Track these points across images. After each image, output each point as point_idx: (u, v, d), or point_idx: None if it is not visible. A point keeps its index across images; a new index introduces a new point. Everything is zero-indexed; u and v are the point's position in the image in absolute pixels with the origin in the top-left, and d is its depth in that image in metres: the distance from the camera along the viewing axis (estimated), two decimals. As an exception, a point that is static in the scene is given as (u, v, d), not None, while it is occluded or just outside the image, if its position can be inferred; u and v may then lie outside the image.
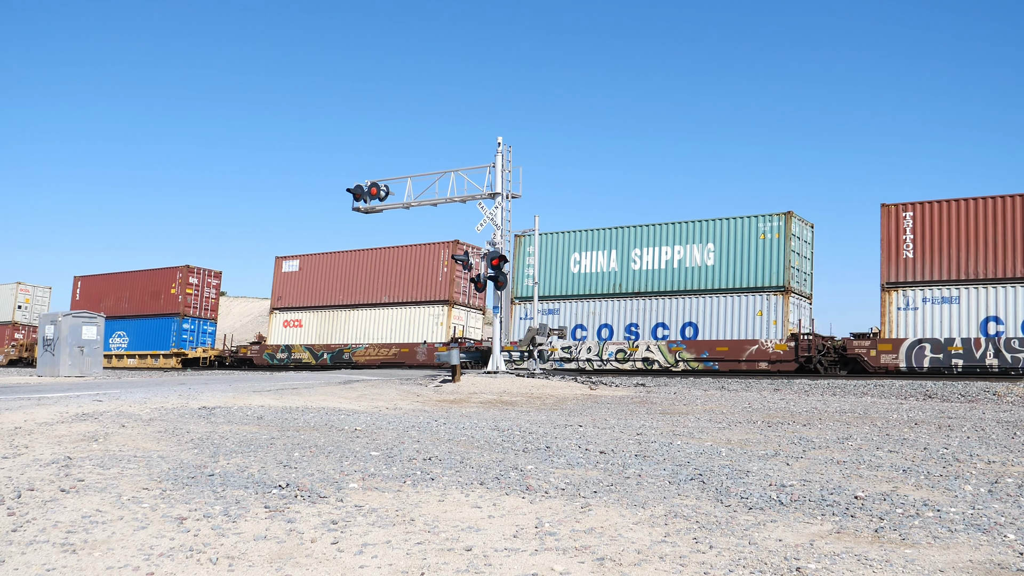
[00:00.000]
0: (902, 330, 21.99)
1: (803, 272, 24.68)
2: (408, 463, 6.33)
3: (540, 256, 27.49)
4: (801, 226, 24.64)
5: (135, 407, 10.25)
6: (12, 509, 4.50)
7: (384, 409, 12.01)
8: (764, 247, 23.98)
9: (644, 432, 9.06)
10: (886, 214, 22.48)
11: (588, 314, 26.68)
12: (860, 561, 3.68)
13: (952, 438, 8.70)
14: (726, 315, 24.47)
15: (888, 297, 22.17)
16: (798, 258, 24.23)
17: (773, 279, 23.82)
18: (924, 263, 21.91)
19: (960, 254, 21.49)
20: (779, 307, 23.60)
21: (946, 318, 21.46)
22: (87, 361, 24.20)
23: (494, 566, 3.62)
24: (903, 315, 21.99)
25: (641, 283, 25.80)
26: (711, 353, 24.41)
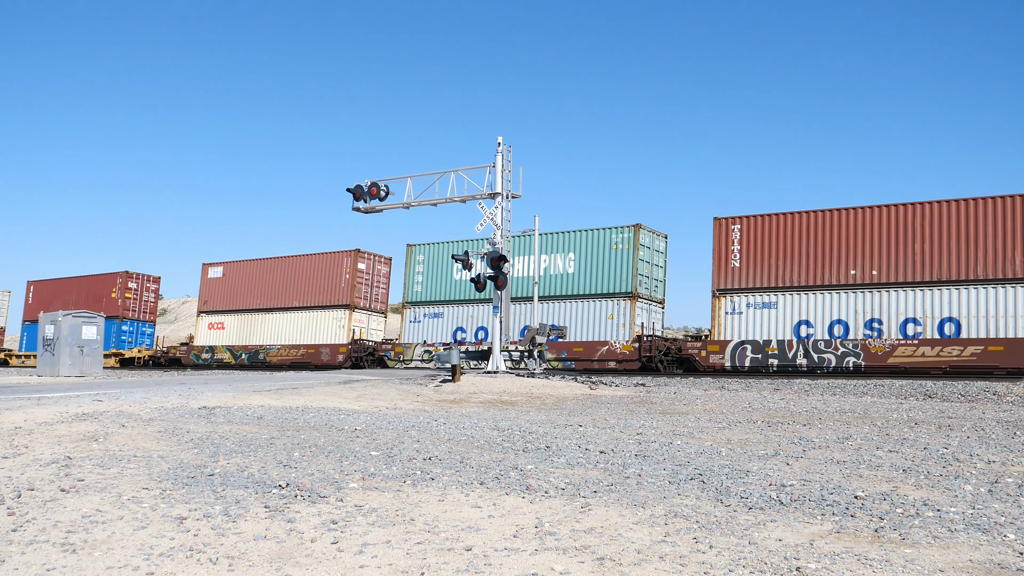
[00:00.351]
0: (729, 332, 24.45)
1: (653, 279, 27.38)
2: (408, 463, 6.33)
3: (427, 264, 30.79)
4: (652, 237, 27.43)
5: (135, 407, 10.25)
6: (12, 509, 4.50)
7: (384, 409, 12.01)
8: (616, 256, 26.61)
9: (644, 432, 9.06)
10: (717, 227, 25.07)
11: (467, 317, 29.29)
12: (860, 561, 3.68)
13: (952, 438, 8.70)
14: (584, 319, 27.04)
15: (717, 303, 24.72)
16: (647, 266, 27.00)
17: (623, 286, 26.43)
18: (748, 272, 24.43)
19: (778, 264, 24.07)
20: (628, 311, 26.20)
21: (766, 322, 23.93)
22: (87, 361, 24.20)
23: (494, 566, 3.62)
24: (730, 319, 24.47)
25: (513, 289, 27.10)
26: (569, 353, 27.14)
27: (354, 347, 30.09)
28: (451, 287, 30.28)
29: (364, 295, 33.11)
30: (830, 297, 23.23)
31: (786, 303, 23.79)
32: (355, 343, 30.84)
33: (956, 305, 21.59)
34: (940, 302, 21.87)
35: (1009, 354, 20.72)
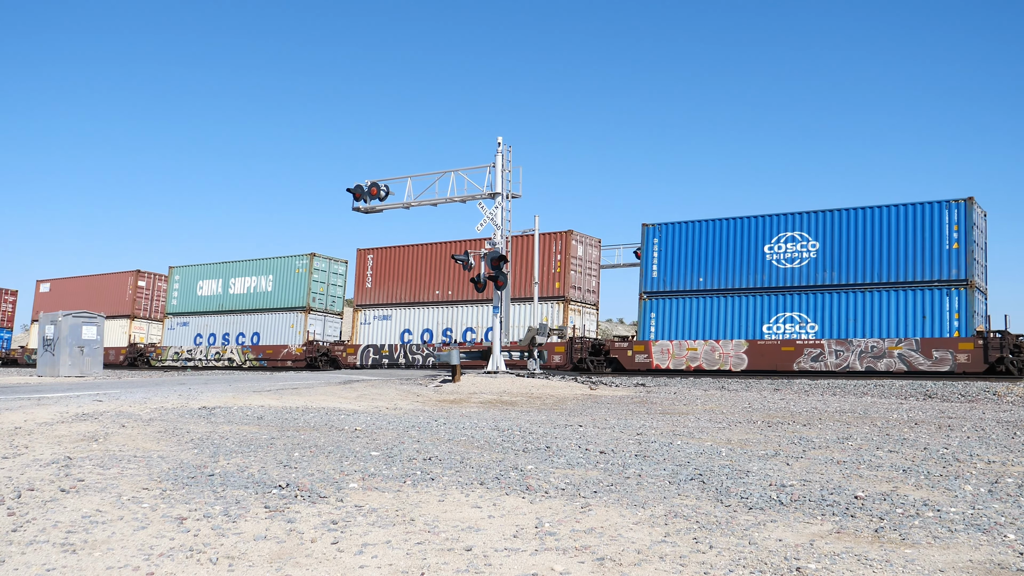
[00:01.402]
0: (365, 338, 32.00)
1: (330, 296, 34.88)
2: (408, 463, 6.33)
3: (181, 282, 38.30)
4: (328, 262, 34.85)
5: (135, 407, 10.25)
6: (12, 509, 4.50)
7: (384, 409, 12.01)
8: (297, 278, 34.25)
9: (644, 432, 9.06)
10: (359, 256, 32.74)
11: (204, 326, 37.02)
12: (860, 561, 3.68)
13: (952, 438, 8.70)
14: (275, 327, 34.51)
15: (356, 315, 32.45)
16: (322, 286, 34.51)
17: (300, 301, 33.92)
18: (376, 291, 32.11)
19: (393, 285, 31.79)
20: (302, 322, 33.75)
21: (385, 330, 31.69)
22: (87, 361, 24.19)
23: (494, 566, 3.62)
24: (363, 328, 32.24)
25: (233, 304, 36.12)
26: (263, 354, 34.35)
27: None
28: (196, 301, 37.45)
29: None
30: (423, 311, 30.94)
31: (397, 316, 31.54)
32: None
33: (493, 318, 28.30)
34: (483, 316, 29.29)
35: None
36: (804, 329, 23.29)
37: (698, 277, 24.94)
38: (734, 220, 24.77)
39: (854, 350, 22.29)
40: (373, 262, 32.28)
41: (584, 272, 28.76)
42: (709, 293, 24.86)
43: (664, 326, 25.22)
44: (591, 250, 29.29)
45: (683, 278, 25.12)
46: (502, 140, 21.32)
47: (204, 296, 37.02)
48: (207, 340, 36.67)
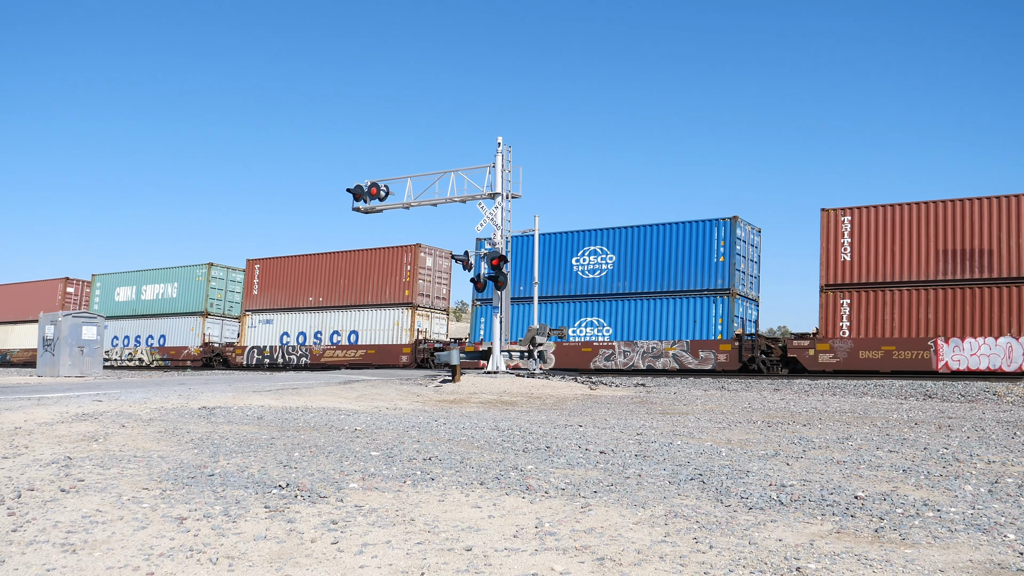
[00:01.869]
0: (251, 341, 35.96)
1: (229, 301, 38.62)
2: (408, 463, 6.33)
3: (102, 289, 42.13)
4: (227, 271, 38.62)
5: (135, 407, 10.25)
6: (12, 509, 4.50)
7: (384, 409, 12.01)
8: (198, 286, 38.21)
9: (644, 432, 9.06)
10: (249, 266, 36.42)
11: (120, 329, 40.47)
12: (860, 561, 3.68)
13: (952, 438, 8.70)
14: (179, 330, 38.54)
15: (244, 319, 36.39)
16: (220, 292, 38.39)
17: (201, 307, 37.92)
18: (262, 297, 35.88)
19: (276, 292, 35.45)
20: (200, 326, 37.83)
21: (268, 333, 35.54)
22: (87, 361, 24.19)
23: (494, 566, 3.62)
24: (251, 331, 36.04)
25: (144, 309, 40.23)
26: (168, 355, 38.39)
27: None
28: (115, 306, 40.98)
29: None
30: (300, 316, 34.70)
31: (278, 320, 35.38)
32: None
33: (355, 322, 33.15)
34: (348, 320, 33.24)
35: (379, 355, 31.84)
36: (601, 332, 26.91)
37: (519, 285, 28.27)
38: (552, 235, 28.43)
39: (638, 351, 25.68)
40: (260, 271, 36.09)
41: (433, 281, 32.39)
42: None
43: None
44: (441, 261, 32.86)
45: (514, 286, 27.74)
46: (502, 140, 21.32)
47: (120, 302, 41.47)
48: (122, 342, 40.85)
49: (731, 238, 24.68)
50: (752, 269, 25.97)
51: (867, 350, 22.56)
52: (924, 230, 22.42)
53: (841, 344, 22.90)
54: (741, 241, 25.05)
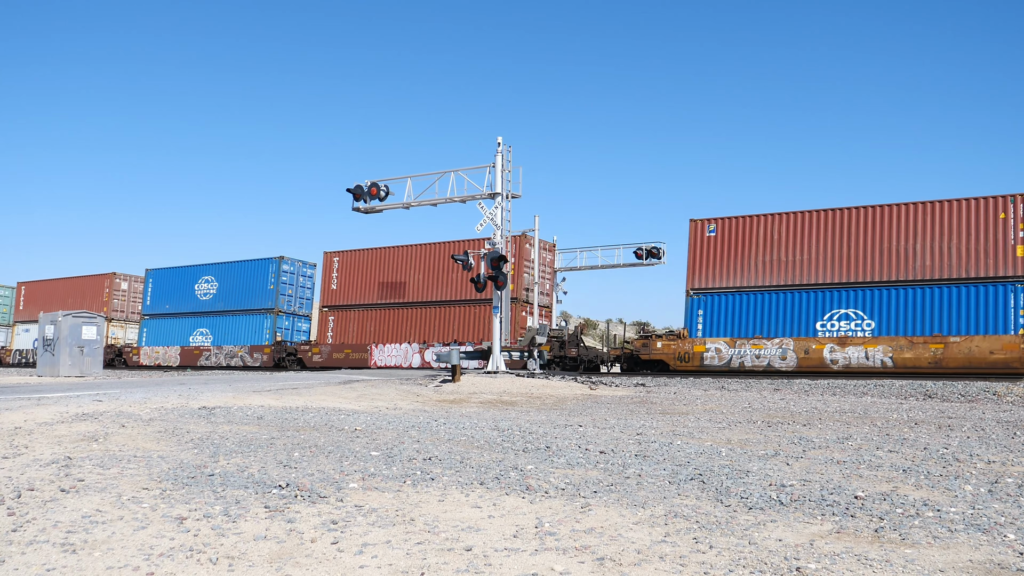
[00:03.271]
0: None
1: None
2: (408, 463, 6.33)
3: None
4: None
5: (135, 407, 10.25)
6: (12, 509, 4.50)
7: (384, 409, 12.01)
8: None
9: (644, 432, 9.06)
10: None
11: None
12: (860, 561, 3.68)
13: (952, 438, 8.70)
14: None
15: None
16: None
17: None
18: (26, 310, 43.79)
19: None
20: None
21: None
22: (87, 361, 24.19)
23: (494, 566, 3.62)
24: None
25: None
26: None
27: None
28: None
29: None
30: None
31: None
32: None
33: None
34: None
35: None
36: (207, 339, 36.52)
37: None
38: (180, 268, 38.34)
39: (224, 352, 35.44)
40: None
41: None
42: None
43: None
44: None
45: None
46: (502, 140, 21.33)
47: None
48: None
49: (279, 272, 34.67)
50: (302, 293, 35.97)
51: (338, 352, 31.97)
52: (372, 269, 32.31)
53: (325, 347, 32.32)
54: (288, 273, 35.12)
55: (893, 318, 22.94)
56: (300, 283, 35.71)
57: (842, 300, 23.61)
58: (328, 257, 33.78)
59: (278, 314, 34.39)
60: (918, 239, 23.24)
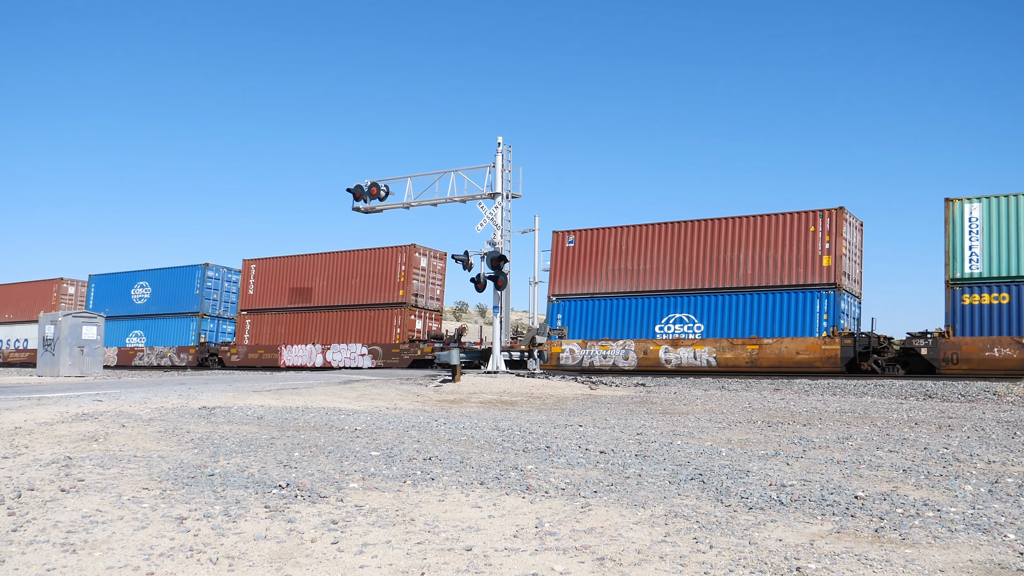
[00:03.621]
0: None
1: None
2: (408, 463, 6.33)
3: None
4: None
5: (135, 407, 10.25)
6: (12, 509, 4.50)
7: (384, 409, 12.01)
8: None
9: (644, 432, 9.06)
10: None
11: None
12: (860, 561, 3.68)
13: (952, 438, 8.70)
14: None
15: None
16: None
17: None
18: None
19: None
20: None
21: None
22: (87, 361, 24.19)
23: (494, 566, 3.62)
24: None
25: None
26: None
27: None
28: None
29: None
30: None
31: None
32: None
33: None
34: None
35: None
36: (142, 340, 39.28)
37: None
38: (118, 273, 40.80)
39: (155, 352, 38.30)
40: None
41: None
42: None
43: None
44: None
45: None
46: (502, 140, 21.33)
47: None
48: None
49: (204, 278, 37.22)
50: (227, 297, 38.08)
51: (252, 352, 34.92)
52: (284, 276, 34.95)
53: (242, 348, 35.35)
54: (213, 279, 37.61)
55: (720, 322, 25.32)
56: (225, 288, 38.40)
57: (677, 305, 26.26)
58: (247, 264, 36.17)
59: (203, 317, 37.31)
60: (742, 250, 25.63)
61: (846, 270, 25.07)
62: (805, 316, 24.58)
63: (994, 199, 22.69)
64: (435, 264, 32.94)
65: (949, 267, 22.80)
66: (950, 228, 22.92)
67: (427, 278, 32.52)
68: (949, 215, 23.05)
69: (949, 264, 22.81)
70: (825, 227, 25.00)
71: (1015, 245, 22.21)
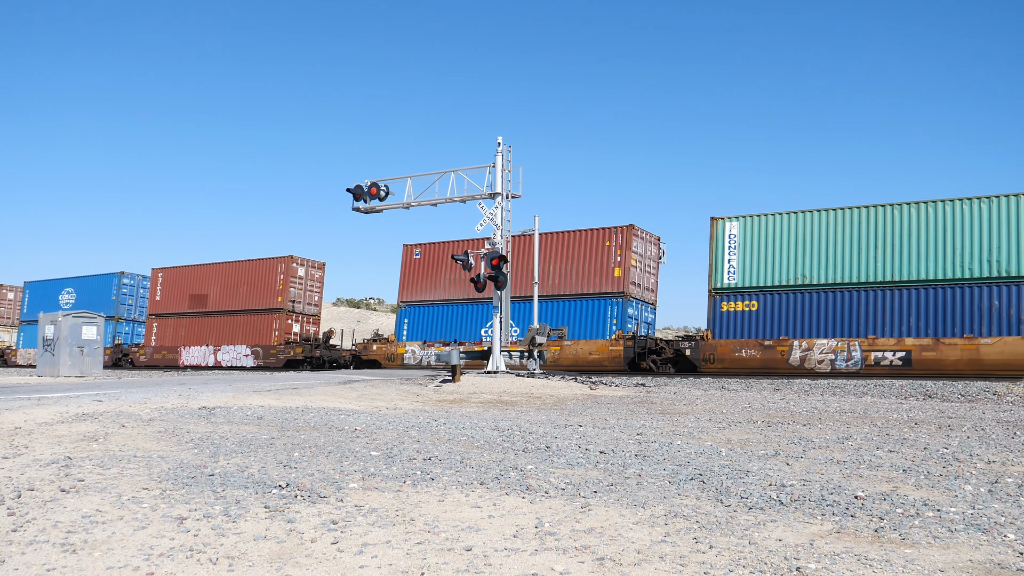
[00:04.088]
0: None
1: None
2: (408, 463, 6.33)
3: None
4: None
5: (135, 407, 10.25)
6: (12, 509, 4.50)
7: (384, 409, 12.01)
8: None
9: (644, 432, 9.06)
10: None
11: None
12: (860, 561, 3.68)
13: (952, 438, 8.70)
14: None
15: None
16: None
17: None
18: None
19: None
20: None
21: None
22: (87, 361, 24.18)
23: (494, 566, 3.62)
24: None
25: None
26: None
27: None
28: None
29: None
30: None
31: None
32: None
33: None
34: None
35: None
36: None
37: None
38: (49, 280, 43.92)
39: None
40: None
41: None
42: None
43: None
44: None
45: None
46: (502, 140, 21.31)
47: None
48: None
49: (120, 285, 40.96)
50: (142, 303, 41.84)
51: (157, 353, 38.76)
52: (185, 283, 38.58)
53: (149, 349, 38.88)
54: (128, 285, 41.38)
55: None
56: (140, 294, 42.22)
57: (498, 312, 29.56)
58: (155, 272, 40.01)
59: (119, 320, 41.21)
60: (551, 262, 29.09)
61: (635, 280, 28.34)
62: (600, 321, 27.97)
63: (750, 218, 25.61)
64: (313, 273, 36.46)
65: (712, 277, 25.77)
66: (714, 243, 25.87)
67: (304, 286, 36.17)
68: (714, 231, 25.93)
69: (712, 275, 25.79)
70: (618, 242, 28.14)
71: (765, 258, 25.17)
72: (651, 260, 29.38)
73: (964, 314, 22.21)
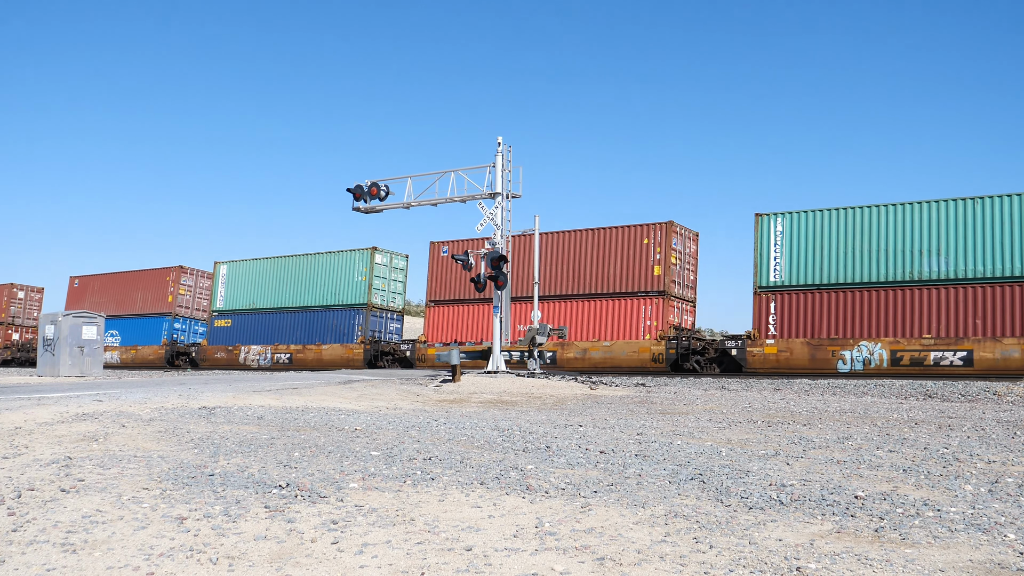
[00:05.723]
0: None
1: None
2: (408, 463, 6.33)
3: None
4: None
5: (135, 407, 10.25)
6: (12, 509, 4.50)
7: (384, 409, 12.01)
8: None
9: (644, 432, 9.06)
10: None
11: None
12: (860, 561, 3.68)
13: (952, 438, 8.70)
14: None
15: None
16: None
17: None
18: None
19: None
20: None
21: None
22: (87, 361, 24.18)
23: (494, 566, 3.62)
24: None
25: None
26: None
27: None
28: None
29: None
30: None
31: None
32: None
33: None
34: None
35: None
36: None
37: None
38: None
39: None
40: None
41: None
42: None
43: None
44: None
45: None
46: (502, 140, 21.32)
47: None
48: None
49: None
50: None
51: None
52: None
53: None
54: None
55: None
56: None
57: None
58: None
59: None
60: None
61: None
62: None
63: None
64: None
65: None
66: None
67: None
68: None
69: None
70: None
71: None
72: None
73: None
